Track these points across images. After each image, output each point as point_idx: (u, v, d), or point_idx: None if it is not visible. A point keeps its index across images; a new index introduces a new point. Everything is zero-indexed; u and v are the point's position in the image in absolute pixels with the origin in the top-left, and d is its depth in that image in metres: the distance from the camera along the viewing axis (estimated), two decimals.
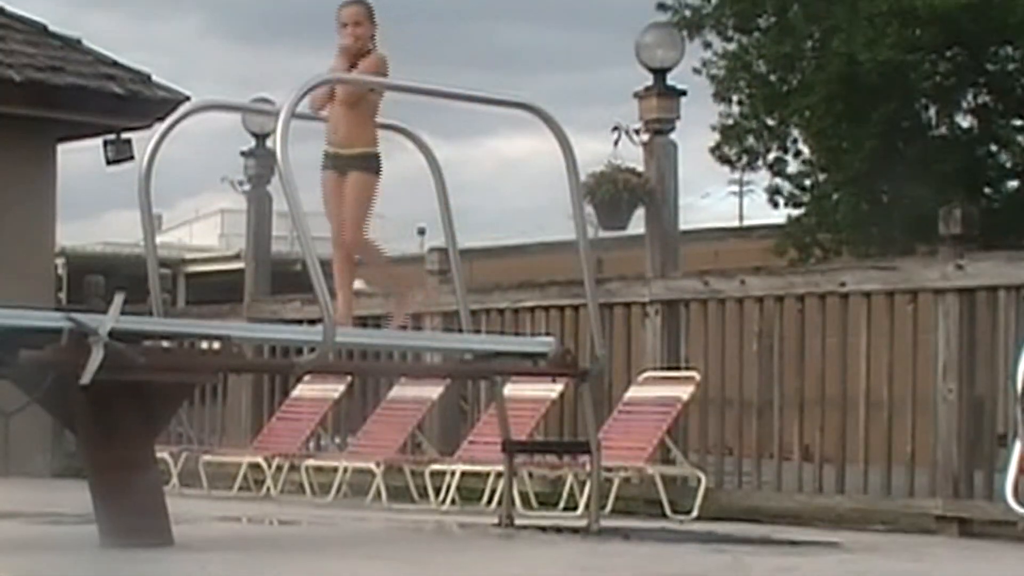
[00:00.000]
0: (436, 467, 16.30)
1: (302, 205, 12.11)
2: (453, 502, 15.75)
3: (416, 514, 15.29)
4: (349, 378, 17.76)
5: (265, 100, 17.64)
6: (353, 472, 16.81)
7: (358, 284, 13.05)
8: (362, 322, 17.02)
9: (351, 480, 16.80)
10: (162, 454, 15.34)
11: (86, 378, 10.43)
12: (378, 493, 16.37)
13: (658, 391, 15.66)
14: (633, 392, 15.81)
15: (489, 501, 15.18)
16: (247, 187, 22.14)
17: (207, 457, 18.13)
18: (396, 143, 13.37)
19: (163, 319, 12.03)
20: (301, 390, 18.38)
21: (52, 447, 19.53)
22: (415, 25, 58.76)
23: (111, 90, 22.03)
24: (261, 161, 21.21)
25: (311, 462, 17.43)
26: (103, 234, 35.51)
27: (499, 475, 14.39)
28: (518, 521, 13.52)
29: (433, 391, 17.14)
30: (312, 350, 12.53)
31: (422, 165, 13.31)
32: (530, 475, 15.23)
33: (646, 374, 15.96)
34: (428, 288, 18.33)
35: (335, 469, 17.02)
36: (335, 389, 18.03)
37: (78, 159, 22.73)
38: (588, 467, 13.84)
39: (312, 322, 12.60)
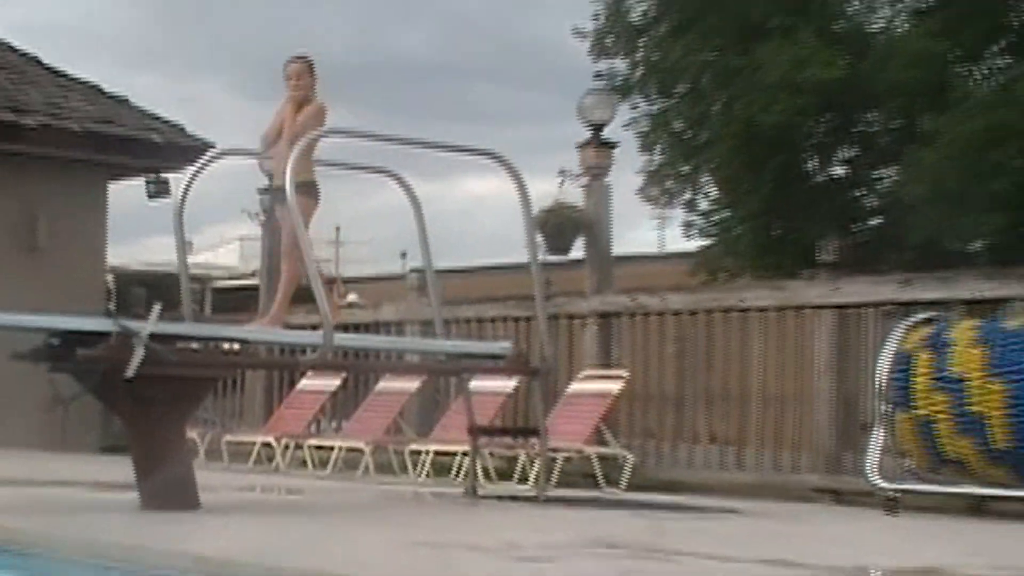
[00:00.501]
0: (414, 447, 16.23)
1: (307, 234, 12.04)
2: (428, 475, 15.69)
3: (397, 485, 15.23)
4: (344, 373, 17.68)
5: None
6: (346, 450, 16.72)
7: (352, 297, 13.08)
8: (354, 328, 17.00)
9: (345, 457, 16.71)
10: (191, 434, 15.26)
11: (130, 372, 10.36)
12: (367, 468, 16.29)
13: (594, 386, 15.60)
14: (574, 387, 15.75)
15: (457, 475, 15.11)
16: (261, 217, 22.04)
17: (228, 437, 18.04)
18: (384, 183, 13.31)
19: (193, 324, 11.92)
20: (304, 383, 18.30)
21: (102, 428, 19.41)
22: (407, 85, 58.65)
23: (152, 139, 21.93)
24: (273, 197, 21.09)
25: (312, 442, 17.34)
26: (145, 255, 35.25)
27: (465, 454, 14.30)
28: (480, 491, 13.45)
29: (412, 385, 17.08)
30: (314, 350, 12.43)
31: (404, 201, 13.23)
32: (491, 454, 15.14)
33: (585, 372, 15.91)
34: (408, 300, 18.26)
35: (332, 448, 16.94)
36: (332, 382, 17.95)
37: (125, 194, 22.62)
38: (537, 448, 13.77)
39: (314, 327, 12.45)
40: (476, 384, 14.38)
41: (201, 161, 12.82)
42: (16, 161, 20.82)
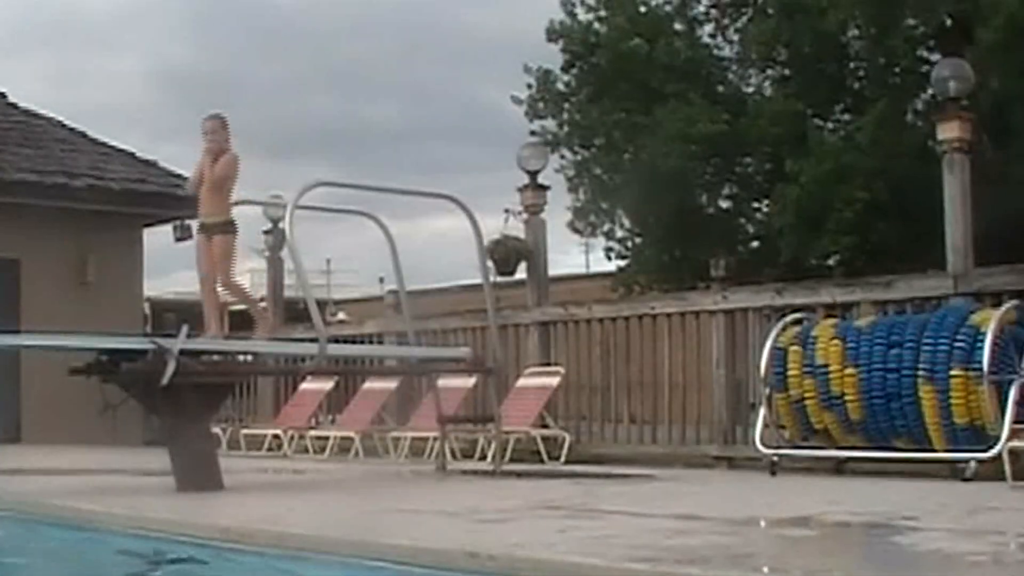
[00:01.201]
0: (394, 434, 16.19)
1: (304, 265, 12.01)
2: (406, 457, 15.65)
3: (382, 465, 15.18)
4: (336, 377, 17.63)
5: (278, 196, 17.50)
6: (340, 438, 16.66)
7: (341, 315, 13.07)
8: (344, 340, 16.94)
9: (339, 444, 16.65)
10: (215, 428, 15.19)
11: (164, 380, 10.33)
12: (357, 452, 16.25)
13: (537, 380, 15.59)
14: (521, 382, 15.73)
15: (429, 455, 15.07)
16: (267, 253, 21.95)
17: (245, 430, 17.97)
18: (364, 223, 13.31)
19: (214, 341, 11.87)
20: (305, 385, 18.24)
21: (144, 426, 19.31)
22: (377, 145, 58.55)
23: (176, 193, 21.80)
24: (276, 237, 21.05)
25: (312, 432, 17.29)
26: (174, 286, 35.03)
27: (436, 438, 14.28)
28: (448, 468, 13.43)
29: (391, 384, 17.04)
30: (311, 359, 12.39)
31: (380, 236, 13.23)
32: (456, 438, 15.11)
33: (529, 370, 15.90)
34: (386, 316, 18.21)
35: (328, 436, 16.89)
36: (327, 384, 17.90)
37: (157, 238, 22.56)
38: (493, 431, 13.76)
39: (311, 340, 12.44)
40: (443, 382, 14.35)
41: None
42: (69, 214, 20.73)
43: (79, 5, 55.58)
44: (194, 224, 12.21)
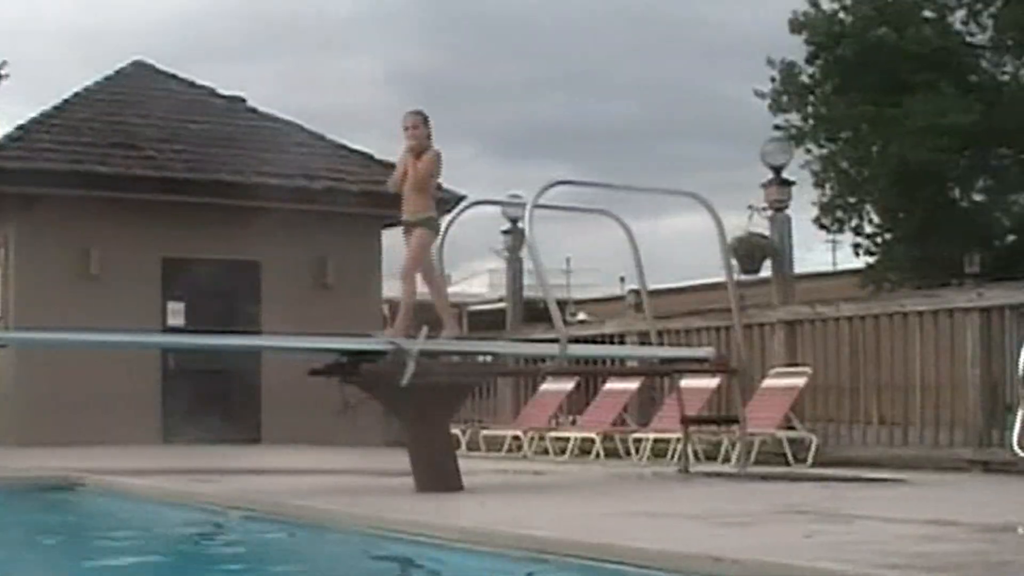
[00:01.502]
0: (636, 435, 16.15)
1: (543, 265, 12.03)
2: (647, 459, 15.58)
3: (622, 467, 15.14)
4: (577, 377, 17.65)
5: (517, 196, 17.62)
6: (580, 440, 16.68)
7: (581, 315, 13.04)
8: (584, 340, 16.94)
9: (579, 445, 16.67)
10: (455, 430, 15.33)
11: (403, 381, 10.44)
12: (597, 453, 16.25)
13: (782, 381, 15.36)
14: (766, 382, 15.52)
15: (671, 457, 14.98)
16: (506, 254, 22.12)
17: (484, 431, 18.11)
18: (605, 221, 13.29)
19: (453, 341, 11.96)
20: (545, 386, 18.30)
21: (383, 427, 19.61)
22: (614, 142, 58.60)
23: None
24: (515, 236, 21.19)
25: (553, 433, 17.33)
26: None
27: (678, 440, 14.20)
28: (691, 470, 13.34)
29: (633, 385, 16.98)
30: (551, 359, 12.41)
31: (621, 235, 13.18)
32: (699, 439, 15.01)
33: (774, 370, 15.69)
34: (628, 316, 18.19)
35: (568, 438, 16.92)
36: (568, 385, 17.92)
37: (395, 238, 22.87)
38: (737, 433, 13.63)
39: (551, 341, 12.44)
40: (685, 382, 14.27)
41: (457, 210, 12.93)
42: (308, 216, 21.16)
43: (315, 9, 56.81)
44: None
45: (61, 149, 20.70)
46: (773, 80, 27.69)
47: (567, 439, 16.90)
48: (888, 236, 27.55)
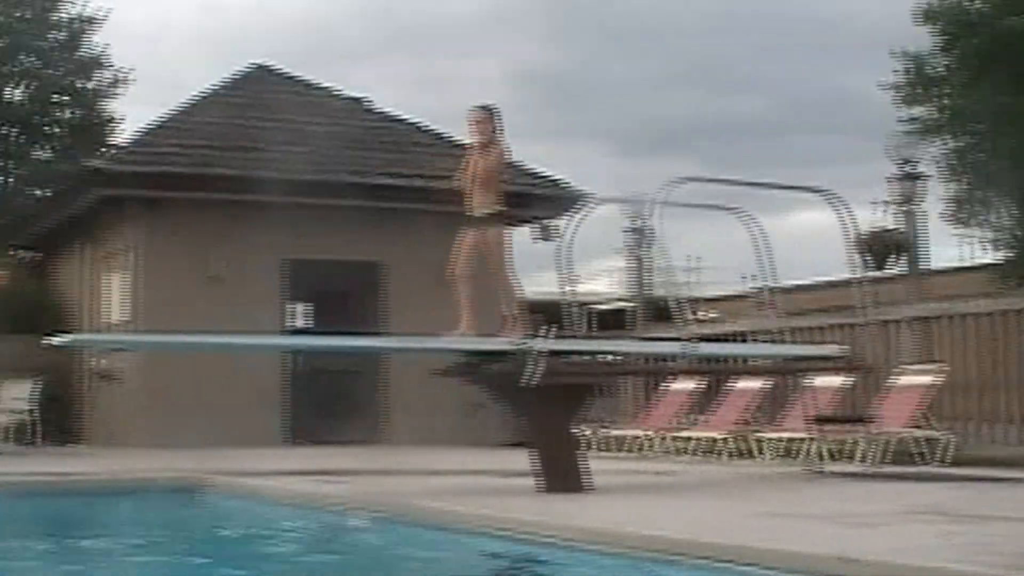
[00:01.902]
0: (763, 434, 16.07)
1: (669, 263, 12.04)
2: (775, 458, 15.50)
3: (749, 467, 15.09)
4: (703, 377, 17.59)
5: (640, 194, 17.65)
6: (707, 440, 16.64)
7: (711, 313, 13.00)
8: (712, 339, 16.88)
9: (705, 445, 16.63)
10: (581, 429, 15.36)
11: (526, 381, 10.50)
12: (724, 453, 16.19)
13: (915, 379, 15.16)
14: (897, 380, 15.38)
15: (799, 457, 14.89)
16: (630, 252, 22.13)
17: (609, 431, 18.11)
18: (731, 218, 13.27)
19: (579, 341, 12.01)
20: (671, 385, 18.26)
21: (506, 427, 19.72)
22: (739, 139, 58.23)
23: (540, 193, 22.24)
24: (639, 235, 21.19)
25: (678, 433, 17.29)
26: (537, 286, 35.66)
27: (806, 439, 14.13)
28: (819, 470, 13.28)
29: (760, 383, 16.89)
30: (677, 358, 12.41)
31: (747, 232, 13.15)
32: (827, 439, 14.89)
33: (906, 367, 15.53)
34: (754, 314, 18.12)
35: (694, 437, 16.88)
36: (693, 384, 17.87)
37: (518, 238, 23.02)
38: (867, 432, 13.53)
39: (677, 340, 12.44)
40: (813, 381, 14.19)
41: (585, 209, 12.97)
42: (430, 216, 21.27)
43: (438, 10, 57.07)
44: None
45: (185, 152, 21.06)
46: (897, 72, 27.43)
47: (692, 439, 16.86)
48: (1020, 233, 27.15)
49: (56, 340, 11.08)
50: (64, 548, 9.74)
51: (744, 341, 17.67)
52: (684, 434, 17.20)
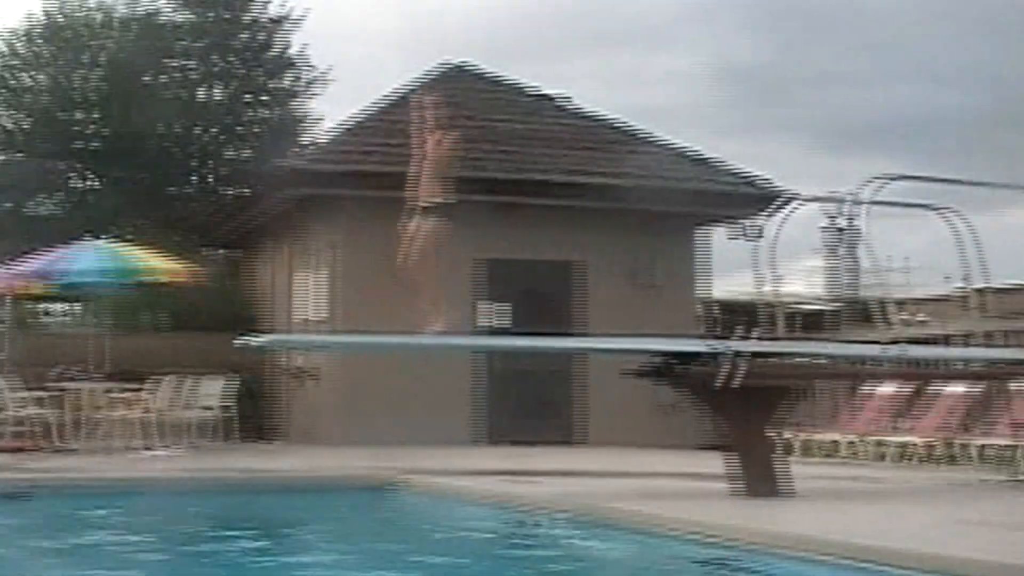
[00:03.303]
0: (967, 440, 15.82)
1: (873, 264, 11.92)
2: (979, 465, 15.24)
3: (953, 474, 14.85)
4: (906, 380, 17.36)
5: (842, 192, 17.46)
6: (910, 445, 16.43)
7: (913, 315, 12.69)
8: (921, 342, 16.65)
9: (907, 450, 16.43)
10: (781, 433, 15.29)
11: (722, 383, 10.50)
12: (925, 459, 15.99)
13: None
14: None
15: (1004, 464, 14.62)
16: (830, 252, 21.91)
17: (807, 435, 17.97)
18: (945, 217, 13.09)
19: (778, 342, 11.96)
20: (869, 388, 18.05)
21: (698, 429, 19.68)
22: (946, 135, 57.15)
23: (742, 191, 22.16)
24: (841, 234, 20.97)
25: (879, 438, 17.10)
26: (729, 286, 35.43)
27: (1011, 446, 13.89)
28: None
29: (965, 388, 16.61)
30: (879, 361, 12.29)
31: (955, 231, 12.98)
32: None
33: None
34: (963, 316, 17.80)
35: (895, 443, 16.68)
36: (895, 387, 17.65)
37: (719, 237, 23.02)
38: None
39: (879, 342, 12.32)
40: (1020, 386, 13.90)
41: (787, 208, 12.91)
42: (627, 215, 21.34)
43: (634, 5, 56.99)
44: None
45: (382, 152, 21.35)
46: None
47: (894, 444, 16.67)
48: None
49: (253, 341, 11.33)
50: (261, 545, 10.06)
51: (952, 344, 17.39)
52: (887, 439, 17.00)
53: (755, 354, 11.02)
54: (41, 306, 26.11)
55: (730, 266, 23.19)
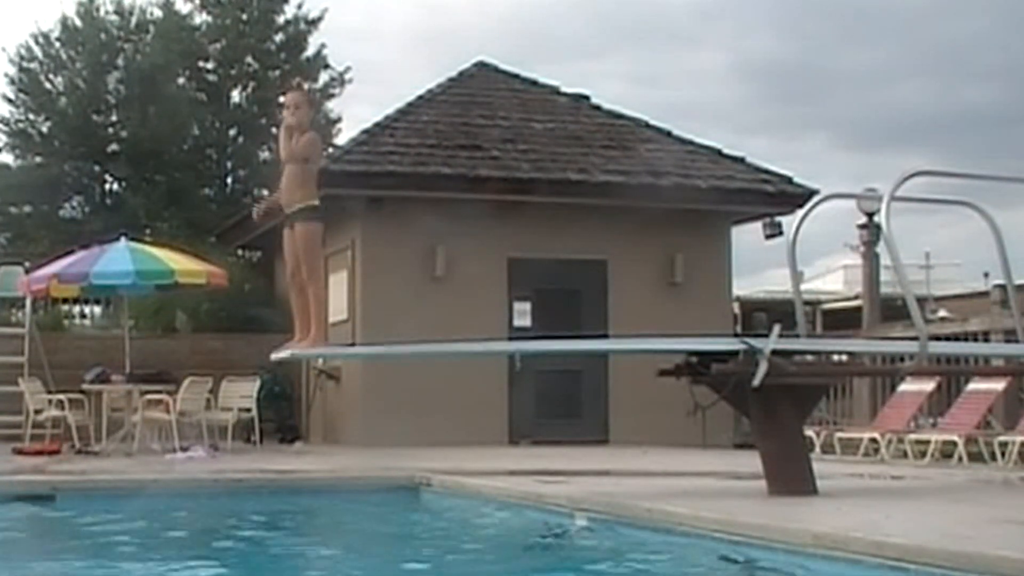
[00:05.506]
0: (1002, 438, 15.79)
1: (902, 260, 11.88)
2: (1015, 463, 15.22)
3: (987, 472, 14.83)
4: (938, 377, 17.35)
5: (872, 189, 17.46)
6: (942, 443, 16.40)
7: (941, 312, 12.74)
8: (946, 338, 16.62)
9: (940, 448, 16.39)
10: (809, 431, 15.27)
11: (756, 382, 10.50)
12: (960, 457, 15.95)
13: None
14: None
15: None
16: (862, 249, 21.88)
17: (839, 434, 17.96)
18: (967, 213, 13.03)
19: (807, 340, 11.95)
20: (904, 386, 18.02)
21: (733, 428, 19.70)
22: (977, 130, 56.95)
23: (765, 189, 22.14)
24: (871, 231, 20.96)
25: (912, 436, 17.07)
26: (763, 284, 35.45)
27: None
28: None
29: (999, 385, 16.58)
30: (910, 358, 12.26)
31: (984, 227, 12.91)
32: None
33: None
34: (993, 313, 17.77)
35: (929, 441, 16.64)
36: (928, 385, 17.62)
37: (747, 235, 22.96)
38: None
39: (910, 339, 12.29)
40: None
41: (809, 205, 12.89)
42: (656, 214, 21.34)
43: (661, 3, 56.93)
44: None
45: (406, 151, 21.40)
46: None
47: (927, 442, 16.63)
48: None
49: (276, 355, 11.38)
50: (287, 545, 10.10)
51: (984, 341, 17.35)
52: (919, 437, 16.98)
53: (790, 352, 11.02)
54: (76, 308, 26.23)
55: (758, 265, 23.21)
